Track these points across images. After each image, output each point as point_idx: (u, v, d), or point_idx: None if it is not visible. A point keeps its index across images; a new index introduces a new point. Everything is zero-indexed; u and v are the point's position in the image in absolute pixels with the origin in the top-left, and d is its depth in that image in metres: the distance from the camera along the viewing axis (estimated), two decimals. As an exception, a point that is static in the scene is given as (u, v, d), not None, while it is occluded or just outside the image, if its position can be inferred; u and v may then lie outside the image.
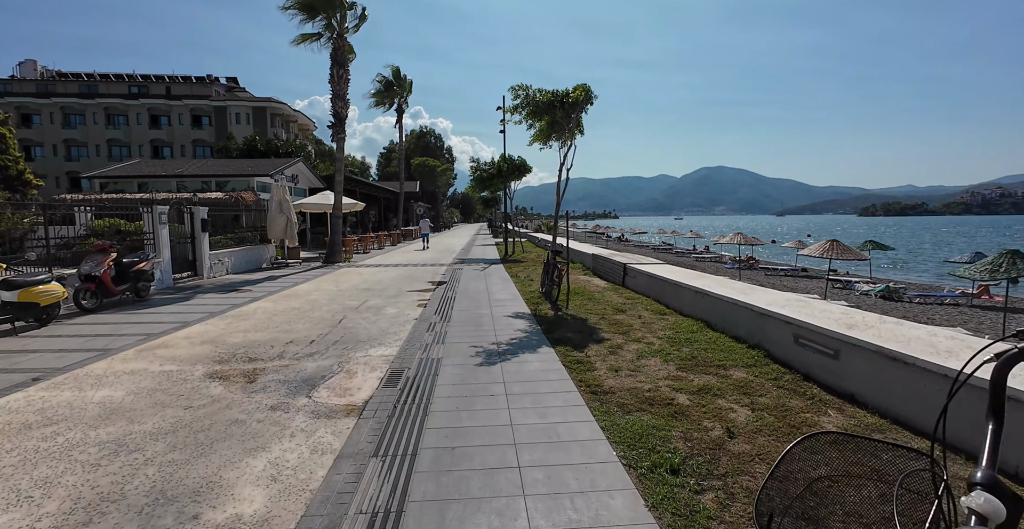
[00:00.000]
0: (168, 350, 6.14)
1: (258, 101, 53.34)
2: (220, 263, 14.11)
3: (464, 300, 9.73)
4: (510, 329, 7.21)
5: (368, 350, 6.11)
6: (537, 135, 9.73)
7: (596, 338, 6.56)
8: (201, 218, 13.15)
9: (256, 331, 7.15)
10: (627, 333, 6.81)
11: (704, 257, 34.64)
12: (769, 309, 5.72)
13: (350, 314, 8.37)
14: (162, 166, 22.83)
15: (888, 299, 17.49)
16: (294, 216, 16.61)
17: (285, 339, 6.68)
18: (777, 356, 5.50)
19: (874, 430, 3.75)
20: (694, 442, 3.56)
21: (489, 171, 20.84)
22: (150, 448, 3.52)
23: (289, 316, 8.22)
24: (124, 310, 8.83)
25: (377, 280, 12.92)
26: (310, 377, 5.09)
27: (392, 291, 11.00)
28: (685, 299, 8.05)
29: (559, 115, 8.95)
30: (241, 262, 15.38)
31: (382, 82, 31.79)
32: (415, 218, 53.63)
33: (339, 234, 17.81)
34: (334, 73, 17.36)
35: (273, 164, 22.73)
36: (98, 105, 51.01)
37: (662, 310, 8.39)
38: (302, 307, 9.05)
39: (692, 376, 5.00)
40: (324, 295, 10.45)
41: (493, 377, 5.03)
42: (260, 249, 16.68)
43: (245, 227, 17.34)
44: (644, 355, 5.73)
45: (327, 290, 11.17)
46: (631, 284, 10.95)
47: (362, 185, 35.30)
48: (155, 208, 11.46)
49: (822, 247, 14.69)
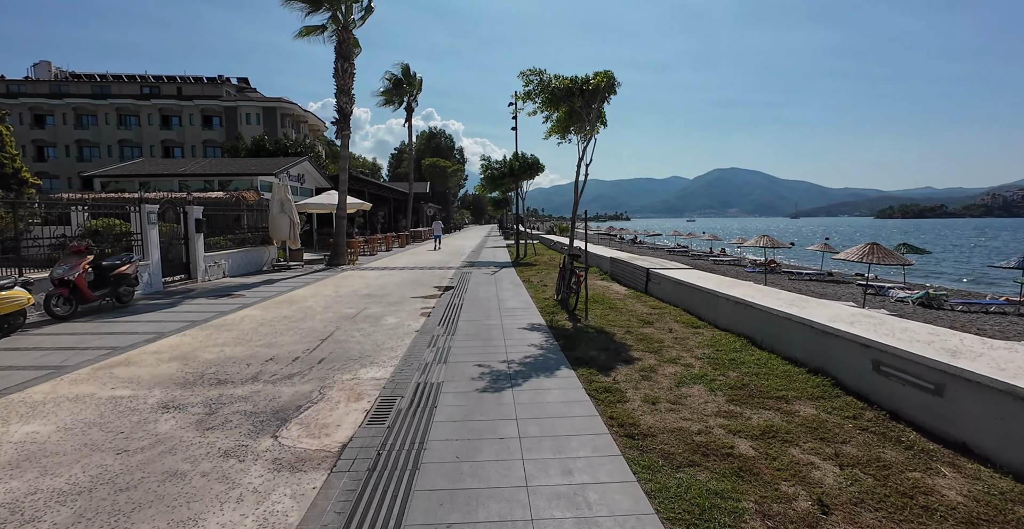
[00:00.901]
0: (129, 369, 5.33)
1: (268, 101, 53.12)
2: (216, 265, 13.38)
3: (472, 309, 8.84)
4: (523, 344, 6.30)
5: (358, 371, 5.24)
6: (554, 127, 8.82)
7: (624, 357, 5.63)
8: (195, 218, 12.42)
9: (236, 345, 6.32)
10: (659, 351, 5.87)
11: (722, 260, 33.42)
12: (834, 327, 4.75)
13: (345, 325, 7.52)
14: (164, 165, 22.30)
15: (928, 306, 16.29)
16: (296, 216, 15.87)
17: (265, 355, 5.83)
18: (849, 386, 4.53)
19: (1015, 502, 2.78)
20: (776, 521, 2.63)
21: (500, 170, 19.96)
22: (48, 518, 2.66)
23: (277, 327, 7.39)
24: (101, 318, 8.06)
25: (380, 285, 12.09)
26: (283, 407, 4.23)
27: (394, 297, 10.15)
28: (722, 311, 7.09)
29: (578, 104, 8.02)
30: (240, 264, 14.66)
31: (391, 80, 31.08)
32: (425, 219, 52.96)
33: (343, 235, 17.05)
34: (339, 67, 16.62)
35: (278, 163, 22.07)
36: (110, 106, 51.08)
37: (694, 322, 7.43)
38: (294, 315, 8.23)
39: (748, 412, 4.06)
40: (320, 302, 9.63)
41: (503, 411, 4.13)
42: (260, 251, 15.96)
43: (246, 228, 16.65)
44: (684, 381, 4.79)
45: (325, 296, 10.35)
46: (655, 291, 9.98)
47: (371, 185, 34.65)
48: (143, 207, 10.73)
49: (861, 251, 13.57)
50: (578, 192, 8.90)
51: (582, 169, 8.83)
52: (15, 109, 50.35)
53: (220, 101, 52.29)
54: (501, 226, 58.89)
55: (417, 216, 51.98)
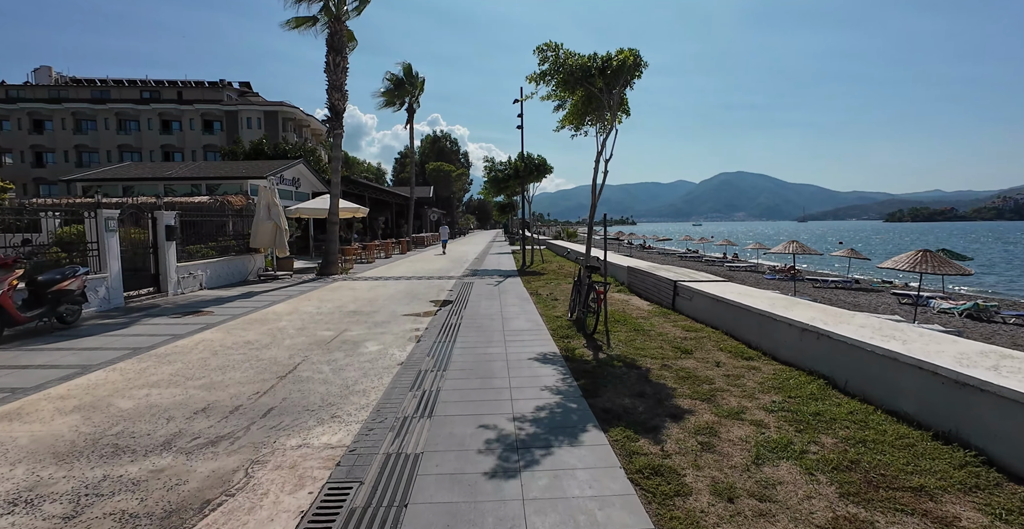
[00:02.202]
0: (10, 426, 4.00)
1: (270, 105, 52.25)
2: (191, 277, 12.11)
3: (471, 331, 7.48)
4: (533, 386, 4.93)
5: (310, 432, 3.88)
6: (568, 116, 7.48)
7: (668, 408, 4.25)
8: (166, 224, 11.17)
9: (169, 385, 4.99)
10: (712, 397, 4.49)
11: (738, 266, 31.90)
12: (978, 377, 3.35)
13: (315, 354, 6.17)
14: (149, 168, 21.19)
15: (977, 319, 14.76)
16: (284, 222, 14.60)
17: (199, 403, 4.49)
18: (1010, 466, 3.13)
19: None
20: None
21: (505, 172, 18.64)
22: None
23: (232, 357, 6.05)
24: (28, 344, 6.77)
25: (370, 298, 10.76)
26: (182, 505, 2.88)
27: (383, 315, 8.81)
28: (782, 338, 5.68)
29: (599, 85, 6.67)
30: (220, 275, 13.39)
31: (392, 80, 29.91)
32: (429, 224, 51.72)
33: (335, 243, 15.76)
34: (330, 61, 15.40)
35: (270, 166, 20.87)
36: (109, 110, 50.37)
37: (743, 351, 6.03)
38: (258, 341, 6.90)
39: (881, 519, 2.66)
40: (296, 321, 8.30)
41: (506, 513, 2.76)
42: (245, 260, 14.69)
43: (231, 235, 15.41)
44: (764, 454, 3.39)
45: (304, 313, 9.02)
46: (685, 308, 8.58)
47: (371, 189, 33.47)
48: (101, 213, 9.48)
49: (912, 259, 12.11)
50: (596, 192, 7.54)
51: (600, 165, 7.48)
52: (14, 114, 49.82)
53: (221, 105, 51.48)
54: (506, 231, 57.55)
55: (421, 221, 50.78)
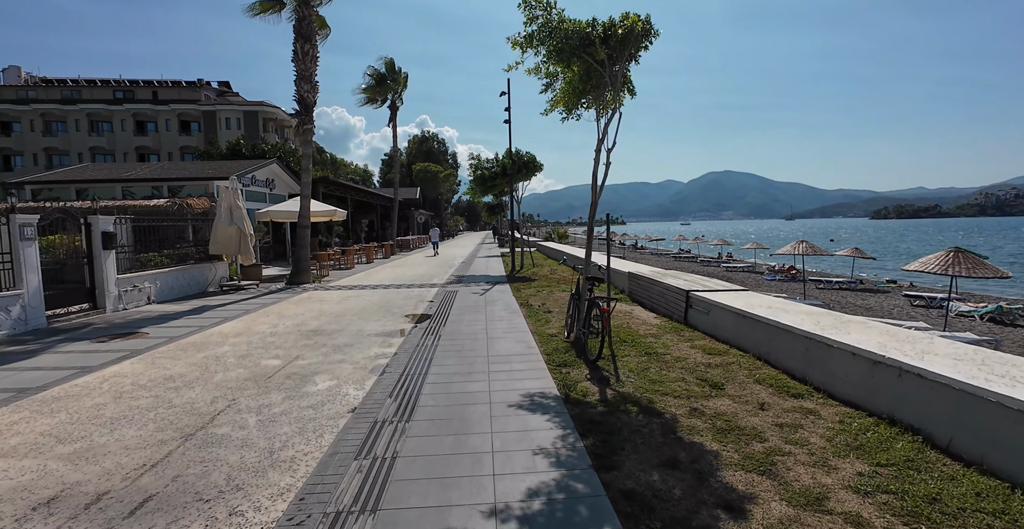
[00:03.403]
0: None
1: (250, 105, 50.51)
2: (137, 289, 10.69)
3: (449, 356, 6.20)
4: (525, 450, 3.65)
5: (190, 547, 2.59)
6: (562, 95, 6.20)
7: (715, 490, 3.00)
8: (102, 231, 9.76)
9: (28, 453, 3.66)
10: (772, 467, 3.24)
11: (735, 267, 30.88)
12: None
13: (246, 396, 4.86)
14: (107, 170, 19.65)
15: (1000, 323, 13.75)
16: (249, 226, 13.21)
17: (52, 487, 3.17)
18: None
19: None
20: None
21: (492, 170, 17.36)
22: None
23: (137, 403, 4.72)
24: None
25: (338, 313, 9.43)
26: None
27: (347, 335, 7.50)
28: (840, 370, 4.47)
29: (600, 55, 5.41)
30: (174, 286, 11.97)
31: (373, 76, 28.48)
32: (416, 227, 50.23)
33: (306, 249, 14.38)
34: (298, 49, 14.03)
35: (239, 166, 19.41)
36: (80, 111, 48.32)
37: (785, 384, 4.82)
38: (184, 375, 5.56)
39: None
40: (241, 345, 6.96)
41: None
42: (204, 269, 13.27)
43: (192, 241, 14.00)
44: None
45: (256, 334, 7.68)
46: (700, 323, 7.36)
47: (354, 191, 32.03)
48: (14, 218, 8.05)
49: (943, 259, 11.01)
50: (597, 188, 6.30)
51: (601, 156, 6.23)
52: (-21, 116, 47.62)
53: (198, 105, 49.64)
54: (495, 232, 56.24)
55: (407, 223, 49.33)
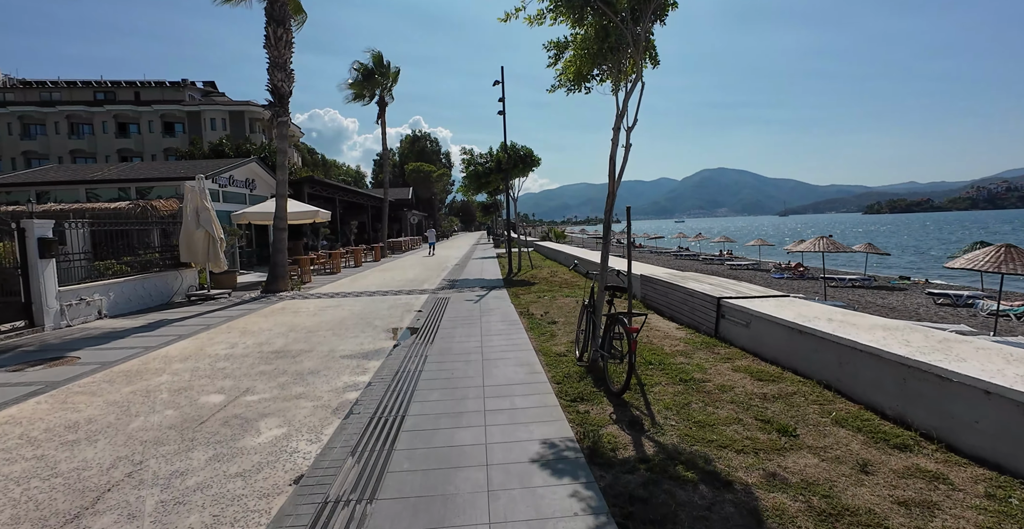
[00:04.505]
0: None
1: (236, 105, 49.00)
2: (85, 303, 9.42)
3: (435, 388, 4.99)
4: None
5: None
6: (574, 60, 5.00)
7: None
8: (39, 237, 8.48)
9: None
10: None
11: (740, 264, 29.80)
12: None
13: (158, 457, 3.62)
14: (70, 171, 18.28)
15: (1039, 323, 12.67)
16: (218, 230, 11.95)
17: None
18: None
19: None
20: None
21: (486, 165, 16.16)
22: None
23: (10, 468, 3.49)
24: None
25: (312, 327, 8.20)
26: None
27: (315, 358, 6.27)
28: (964, 412, 3.29)
29: (623, 4, 4.22)
30: (132, 298, 10.70)
31: (360, 70, 27.13)
32: (409, 227, 48.89)
33: (283, 253, 13.12)
34: (271, 34, 12.78)
35: (215, 165, 18.10)
36: (59, 113, 46.73)
37: (876, 426, 3.64)
38: (95, 420, 4.32)
39: None
40: (184, 374, 5.72)
41: None
42: (169, 277, 12.00)
43: (159, 247, 12.74)
44: None
45: (207, 357, 6.44)
46: (736, 336, 6.18)
47: (343, 191, 30.74)
48: (-82, 223, 6.78)
49: (993, 256, 9.86)
50: (616, 175, 5.10)
51: (621, 136, 5.04)
52: (-45, 120, 45.97)
53: (182, 106, 48.12)
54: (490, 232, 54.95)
55: (400, 225, 48.05)
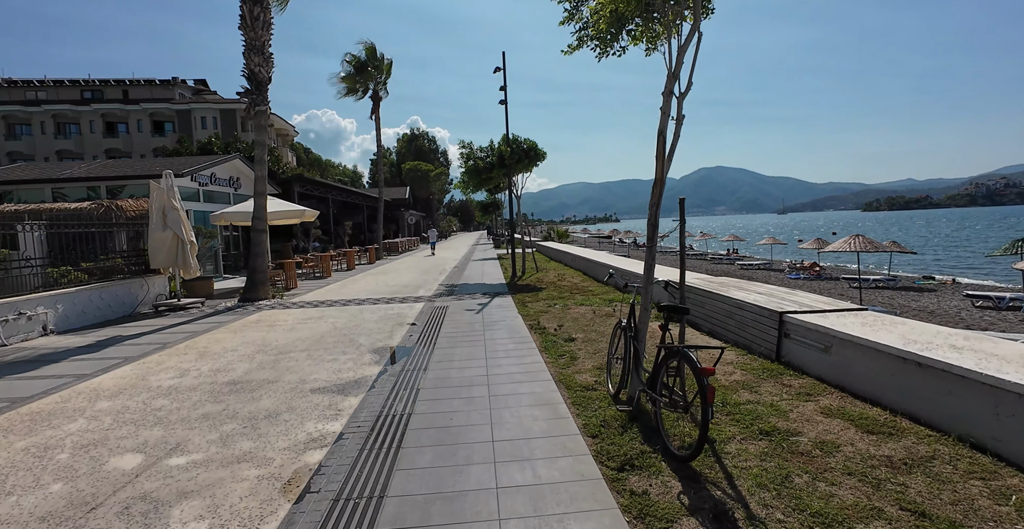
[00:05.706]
0: None
1: (227, 103, 47.68)
2: (26, 317, 8.13)
3: (427, 445, 3.70)
4: None
5: None
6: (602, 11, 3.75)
7: None
8: (-37, 242, 7.21)
9: None
10: None
11: (751, 264, 28.57)
12: None
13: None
14: (38, 170, 16.98)
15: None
16: (188, 232, 10.69)
17: None
18: None
19: None
20: None
21: (487, 159, 14.88)
22: None
23: None
24: None
25: (284, 347, 6.92)
26: None
27: (279, 392, 4.99)
28: None
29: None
30: (87, 309, 9.43)
31: (353, 62, 25.82)
32: (406, 228, 47.59)
33: (262, 257, 11.83)
34: (247, 13, 11.49)
35: (193, 162, 16.80)
36: (45, 112, 45.37)
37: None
38: (-56, 504, 3.04)
39: None
40: (105, 418, 4.43)
41: None
42: (133, 285, 10.73)
43: (126, 251, 11.48)
44: None
45: (145, 390, 5.16)
46: (809, 363, 4.91)
47: (337, 190, 29.48)
48: None
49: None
50: (665, 153, 3.83)
51: (672, 105, 3.77)
52: (-63, 120, 44.59)
53: (172, 104, 46.77)
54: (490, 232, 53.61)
55: (397, 225, 46.77)
